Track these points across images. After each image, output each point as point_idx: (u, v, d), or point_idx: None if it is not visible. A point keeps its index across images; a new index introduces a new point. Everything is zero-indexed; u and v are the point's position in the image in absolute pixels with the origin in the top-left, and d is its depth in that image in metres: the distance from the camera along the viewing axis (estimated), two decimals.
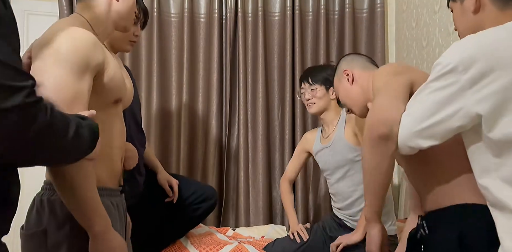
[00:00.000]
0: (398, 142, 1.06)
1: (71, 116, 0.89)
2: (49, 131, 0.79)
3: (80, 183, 1.03)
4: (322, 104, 2.20)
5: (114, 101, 1.21)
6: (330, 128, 2.22)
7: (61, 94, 1.00)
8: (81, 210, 1.05)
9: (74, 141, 0.86)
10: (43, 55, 1.03)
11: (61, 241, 1.08)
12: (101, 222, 1.07)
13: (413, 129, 1.03)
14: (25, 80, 0.75)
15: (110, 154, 1.21)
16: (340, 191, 2.16)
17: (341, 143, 2.13)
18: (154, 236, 2.05)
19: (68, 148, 0.87)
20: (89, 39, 1.09)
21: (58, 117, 0.82)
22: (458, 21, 1.21)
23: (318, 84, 2.20)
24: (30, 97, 0.74)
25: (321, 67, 2.34)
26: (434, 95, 0.99)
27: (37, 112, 0.76)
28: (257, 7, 2.82)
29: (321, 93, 2.20)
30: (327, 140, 2.22)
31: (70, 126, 0.85)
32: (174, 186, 2.06)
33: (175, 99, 2.79)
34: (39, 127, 0.76)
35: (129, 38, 1.80)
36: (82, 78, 1.05)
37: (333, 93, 2.17)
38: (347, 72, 1.65)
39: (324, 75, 2.20)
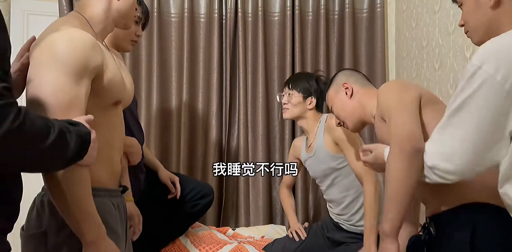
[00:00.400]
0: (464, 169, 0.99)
1: (57, 122, 0.86)
2: (21, 135, 0.76)
3: (73, 190, 0.99)
4: (296, 111, 2.19)
5: (114, 103, 1.19)
6: (311, 136, 2.22)
7: (57, 98, 0.98)
8: (73, 218, 1.01)
9: (55, 146, 0.83)
10: (40, 57, 1.02)
11: (61, 243, 1.06)
12: (94, 231, 1.03)
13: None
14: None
15: (110, 154, 1.20)
16: (332, 198, 2.19)
17: (323, 152, 2.13)
18: (154, 234, 2.06)
19: (48, 153, 0.84)
20: (87, 42, 1.07)
21: (34, 122, 0.79)
22: (471, 16, 1.14)
23: (296, 91, 2.19)
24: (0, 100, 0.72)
25: (306, 75, 2.33)
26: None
27: (4, 116, 0.73)
28: (257, 7, 2.81)
29: (297, 101, 2.18)
30: (310, 149, 2.22)
31: (51, 132, 0.82)
32: (176, 182, 2.07)
33: (175, 99, 2.79)
34: (9, 130, 0.73)
35: (131, 38, 1.81)
36: (79, 82, 1.03)
37: (310, 103, 2.18)
38: (346, 85, 1.67)
39: (305, 84, 2.19)
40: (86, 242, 1.03)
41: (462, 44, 2.04)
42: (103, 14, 1.21)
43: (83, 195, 1.02)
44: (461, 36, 2.05)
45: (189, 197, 2.15)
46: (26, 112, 0.78)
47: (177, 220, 2.16)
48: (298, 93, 2.18)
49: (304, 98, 2.18)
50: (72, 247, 1.06)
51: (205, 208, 2.23)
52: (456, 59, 2.09)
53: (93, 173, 1.08)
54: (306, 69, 2.84)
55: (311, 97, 2.18)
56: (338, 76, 1.75)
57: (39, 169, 0.93)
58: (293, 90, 2.19)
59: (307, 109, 2.19)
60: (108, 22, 1.24)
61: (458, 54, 2.07)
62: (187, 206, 2.14)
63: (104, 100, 1.15)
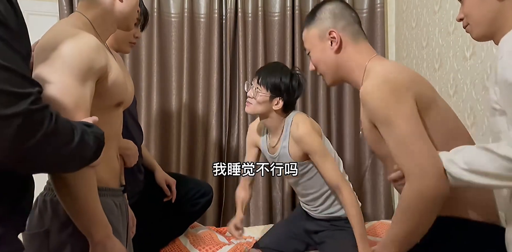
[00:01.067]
0: None
1: (77, 124, 0.89)
2: (54, 138, 0.78)
3: (82, 191, 1.02)
4: (259, 109, 1.97)
5: (116, 104, 1.20)
6: (275, 137, 2.06)
7: (63, 100, 0.99)
8: (81, 217, 1.04)
9: (79, 148, 0.85)
10: (45, 60, 1.02)
11: (64, 243, 1.07)
12: (102, 230, 1.06)
13: None
14: (31, 87, 0.75)
15: (110, 154, 1.21)
16: (297, 192, 2.20)
17: (286, 159, 2.02)
18: (154, 234, 2.06)
19: (73, 155, 0.86)
20: (92, 44, 1.07)
21: (64, 124, 0.82)
22: (474, 8, 1.10)
23: (264, 87, 1.95)
24: (35, 104, 0.74)
25: (281, 69, 2.01)
26: None
27: (42, 119, 0.75)
28: (257, 7, 2.81)
29: (262, 99, 1.95)
30: (273, 150, 2.08)
31: (75, 133, 0.84)
32: (172, 185, 2.07)
33: (175, 99, 2.79)
34: (45, 133, 0.75)
35: (129, 39, 1.82)
36: (84, 84, 1.04)
37: (277, 103, 1.95)
38: (334, 35, 1.31)
39: (276, 81, 1.94)
40: (94, 241, 1.05)
41: (462, 44, 2.04)
42: (106, 15, 1.21)
43: (90, 195, 1.03)
44: (461, 36, 2.05)
45: (189, 196, 2.15)
46: (57, 115, 0.80)
47: (177, 219, 2.17)
48: (266, 91, 1.94)
49: (270, 98, 1.94)
50: (74, 246, 1.07)
51: (204, 206, 2.23)
52: (456, 59, 2.09)
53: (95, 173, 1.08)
54: (306, 69, 2.84)
55: (279, 98, 1.95)
56: (325, 15, 1.34)
57: (62, 170, 0.95)
58: (261, 86, 1.95)
59: (272, 109, 1.97)
60: (110, 23, 1.24)
61: (458, 54, 2.08)
62: (186, 205, 2.14)
63: (107, 102, 1.16)
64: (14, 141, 0.72)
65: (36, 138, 0.74)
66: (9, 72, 0.71)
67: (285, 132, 2.00)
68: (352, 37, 1.31)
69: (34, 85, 0.76)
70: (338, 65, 1.32)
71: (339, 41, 1.30)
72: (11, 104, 0.70)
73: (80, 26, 1.13)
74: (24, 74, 0.75)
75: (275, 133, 2.05)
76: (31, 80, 0.77)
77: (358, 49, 1.30)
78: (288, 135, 1.99)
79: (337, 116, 2.87)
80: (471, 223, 1.15)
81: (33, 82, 0.77)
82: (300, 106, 2.81)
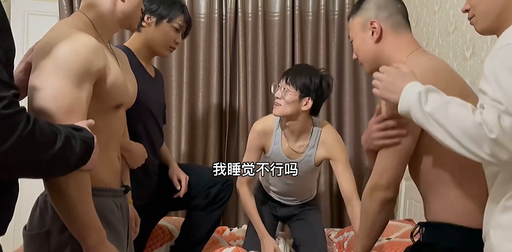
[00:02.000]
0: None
1: (63, 128, 0.87)
2: (30, 143, 0.76)
3: (74, 195, 1.00)
4: (288, 110, 1.93)
5: (115, 106, 1.19)
6: (300, 141, 2.03)
7: (59, 103, 0.98)
8: (74, 222, 1.02)
9: (61, 153, 0.83)
10: (43, 62, 1.01)
11: (64, 243, 1.07)
12: (95, 235, 1.04)
13: None
14: (5, 91, 0.73)
15: (110, 155, 1.20)
16: (285, 190, 2.19)
17: (308, 164, 2.04)
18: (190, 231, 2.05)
19: (54, 160, 0.84)
20: (89, 46, 1.06)
21: (43, 128, 0.80)
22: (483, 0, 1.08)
23: (293, 87, 1.92)
24: (8, 108, 0.72)
25: (310, 70, 2.01)
26: None
27: (16, 123, 0.73)
28: (257, 7, 2.81)
29: (291, 99, 1.92)
30: (296, 155, 2.04)
31: (58, 138, 0.82)
32: (183, 180, 1.99)
33: (175, 99, 2.79)
34: (19, 138, 0.73)
35: (170, 44, 1.86)
36: (81, 87, 1.03)
37: (306, 104, 1.93)
38: (375, 25, 1.29)
39: (306, 81, 1.92)
40: (87, 246, 1.04)
41: (462, 44, 2.05)
42: (108, 15, 1.20)
43: (83, 200, 1.02)
44: (461, 36, 2.05)
45: (199, 187, 2.04)
46: (35, 119, 0.78)
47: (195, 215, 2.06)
48: (295, 91, 1.92)
49: (300, 97, 1.93)
50: (75, 247, 1.06)
51: (219, 197, 2.05)
52: (456, 59, 2.09)
53: (95, 174, 1.08)
54: None
55: (309, 97, 1.93)
56: (369, 5, 1.33)
57: (45, 175, 0.93)
58: (290, 86, 1.93)
59: (301, 110, 1.95)
60: (112, 23, 1.23)
61: (458, 54, 2.08)
62: (199, 197, 2.03)
63: (106, 104, 1.15)
64: None
65: (9, 143, 0.72)
66: None
67: (315, 138, 2.01)
68: (394, 28, 1.29)
69: (8, 89, 0.74)
70: (377, 55, 1.31)
71: (380, 31, 1.28)
72: None
73: (80, 26, 1.13)
74: (0, 78, 0.73)
75: (301, 137, 2.03)
76: (6, 83, 0.75)
77: (399, 40, 1.28)
78: (317, 142, 2.00)
79: (337, 116, 2.87)
80: (457, 228, 1.14)
81: (8, 85, 0.75)
82: None
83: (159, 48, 1.86)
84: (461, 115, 0.90)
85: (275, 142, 2.07)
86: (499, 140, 0.84)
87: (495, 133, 0.84)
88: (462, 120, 0.89)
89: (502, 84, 0.87)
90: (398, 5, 1.32)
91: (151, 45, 1.83)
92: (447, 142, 0.92)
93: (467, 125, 0.88)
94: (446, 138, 0.92)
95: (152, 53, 1.90)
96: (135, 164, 1.56)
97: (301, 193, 2.23)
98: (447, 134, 0.91)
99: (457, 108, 0.92)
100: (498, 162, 0.87)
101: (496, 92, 0.87)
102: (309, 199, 2.28)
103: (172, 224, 2.27)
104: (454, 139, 0.90)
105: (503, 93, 0.86)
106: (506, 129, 0.84)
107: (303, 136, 2.03)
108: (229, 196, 2.07)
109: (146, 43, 1.83)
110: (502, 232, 0.92)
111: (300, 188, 2.18)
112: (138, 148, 1.59)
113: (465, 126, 0.88)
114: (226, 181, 2.05)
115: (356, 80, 2.85)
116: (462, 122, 0.89)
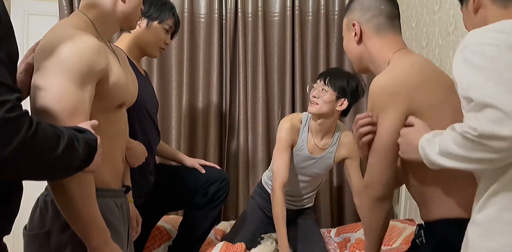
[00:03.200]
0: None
1: (66, 130, 0.87)
2: (33, 146, 0.77)
3: (78, 196, 1.00)
4: (324, 109, 2.06)
5: (118, 105, 1.19)
6: (326, 139, 2.18)
7: (62, 104, 0.98)
8: (78, 222, 1.02)
9: (64, 155, 0.83)
10: (45, 62, 1.01)
11: (65, 243, 1.07)
12: (100, 236, 1.04)
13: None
14: (9, 94, 0.73)
15: (113, 155, 1.20)
16: (292, 188, 2.26)
17: (327, 161, 2.21)
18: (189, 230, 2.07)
19: (58, 163, 0.84)
20: (92, 46, 1.06)
21: (46, 131, 0.80)
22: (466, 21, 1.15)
23: (332, 88, 2.05)
24: (12, 111, 0.72)
25: (347, 75, 2.14)
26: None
27: (19, 127, 0.73)
28: (257, 7, 2.81)
29: (329, 99, 2.05)
30: (318, 151, 2.18)
31: (61, 141, 0.82)
32: (202, 163, 2.13)
33: (175, 99, 2.79)
34: (22, 141, 0.74)
35: (160, 45, 1.89)
36: (84, 88, 1.03)
37: (341, 105, 2.07)
38: (355, 27, 1.33)
39: (344, 84, 2.06)
40: (91, 246, 1.04)
41: None
42: (108, 15, 1.21)
43: (87, 201, 1.02)
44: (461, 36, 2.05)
45: (198, 186, 2.06)
46: (38, 122, 0.78)
47: (194, 213, 2.07)
48: (333, 92, 2.05)
49: (337, 98, 2.06)
50: (75, 247, 1.06)
51: (217, 195, 2.06)
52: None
53: (98, 174, 1.08)
54: (306, 69, 2.85)
55: (345, 99, 2.07)
56: (354, 6, 1.36)
57: (48, 177, 0.93)
58: (329, 87, 2.05)
59: (335, 110, 2.08)
60: (112, 23, 1.23)
61: None
62: (198, 196, 2.04)
63: (108, 103, 1.15)
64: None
65: (12, 146, 0.72)
66: None
67: (336, 136, 2.20)
68: (376, 31, 1.32)
69: (12, 92, 0.74)
70: (361, 56, 1.36)
71: (360, 33, 1.32)
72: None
73: (81, 26, 1.13)
74: (2, 81, 0.73)
75: (327, 135, 2.19)
76: (10, 87, 0.75)
77: (382, 43, 1.31)
78: (338, 140, 2.20)
79: None
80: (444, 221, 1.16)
81: (11, 88, 0.75)
82: (300, 105, 2.81)
83: (150, 49, 1.88)
84: (452, 136, 0.92)
85: (302, 138, 2.18)
86: (484, 132, 0.84)
87: (478, 129, 0.85)
88: (455, 139, 0.91)
89: (471, 81, 0.89)
90: (382, 6, 1.33)
91: (141, 46, 1.85)
92: (463, 166, 0.92)
93: (460, 140, 0.89)
94: (460, 163, 0.92)
95: (142, 54, 1.91)
96: (136, 162, 1.56)
97: (307, 192, 2.32)
98: (458, 158, 0.92)
99: (450, 133, 0.93)
100: (505, 154, 0.86)
101: (464, 90, 0.91)
102: (308, 205, 2.40)
103: (169, 224, 2.27)
104: (465, 160, 0.90)
105: (470, 88, 0.89)
106: (484, 120, 0.84)
107: (328, 134, 2.19)
108: (227, 193, 2.09)
109: (136, 44, 1.84)
110: (476, 227, 0.95)
111: (309, 187, 2.30)
112: (138, 145, 1.59)
113: (458, 142, 0.89)
114: (223, 179, 2.08)
115: None
116: (456, 141, 0.90)
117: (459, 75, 0.94)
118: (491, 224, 0.92)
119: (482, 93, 0.86)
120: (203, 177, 2.07)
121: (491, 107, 0.83)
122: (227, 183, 2.09)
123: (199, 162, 2.14)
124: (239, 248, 2.09)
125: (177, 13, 1.94)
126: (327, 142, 2.19)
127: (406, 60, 1.25)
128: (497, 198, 0.92)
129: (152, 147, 1.92)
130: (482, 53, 0.90)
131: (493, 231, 0.91)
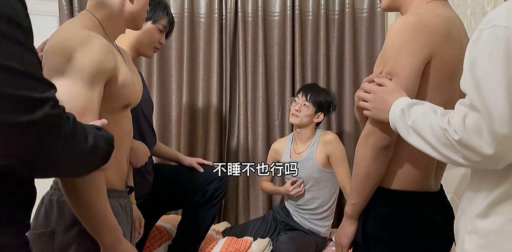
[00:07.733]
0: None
1: (89, 127, 0.87)
2: (71, 143, 0.77)
3: (91, 194, 1.01)
4: (304, 121, 2.40)
5: (124, 106, 1.20)
6: (303, 145, 2.46)
7: (72, 103, 0.98)
8: (91, 221, 1.04)
9: (92, 152, 0.83)
10: (55, 63, 1.01)
11: (69, 243, 1.07)
12: (112, 234, 1.06)
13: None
14: (49, 91, 0.74)
15: (118, 156, 1.20)
16: (299, 198, 2.44)
17: (311, 162, 2.39)
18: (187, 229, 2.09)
19: (86, 159, 0.84)
20: (101, 47, 1.07)
21: (79, 128, 0.80)
22: None
23: (312, 104, 2.39)
24: (55, 108, 0.73)
25: (324, 92, 2.47)
26: None
27: (60, 124, 0.74)
28: (257, 7, 2.81)
29: (309, 113, 2.40)
30: (298, 156, 2.45)
31: (89, 137, 0.82)
32: (200, 162, 2.16)
33: (175, 99, 2.79)
34: (62, 138, 0.74)
35: (154, 45, 1.89)
36: (93, 88, 1.04)
37: (318, 117, 2.43)
38: None
39: (322, 100, 2.41)
40: (104, 244, 1.06)
41: None
42: (116, 15, 1.21)
43: (99, 198, 1.03)
44: None
45: (197, 185, 2.07)
46: (74, 118, 0.78)
47: (193, 213, 2.08)
48: (313, 107, 2.40)
49: (315, 112, 2.41)
50: (79, 247, 1.07)
51: (215, 194, 2.08)
52: None
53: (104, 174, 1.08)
54: (306, 69, 2.85)
55: (321, 113, 2.43)
56: None
57: (76, 174, 0.92)
58: (309, 103, 2.39)
59: (313, 121, 2.43)
60: (120, 23, 1.24)
61: None
62: (196, 195, 2.05)
63: (115, 104, 1.16)
64: (37, 144, 0.70)
65: (54, 144, 0.73)
66: (30, 77, 0.70)
67: (315, 140, 2.44)
68: None
69: (51, 88, 0.75)
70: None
71: None
72: (33, 110, 0.69)
73: (90, 26, 1.13)
74: (43, 77, 0.74)
75: (305, 142, 2.47)
76: (48, 83, 0.75)
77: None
78: (317, 142, 2.42)
79: (337, 116, 2.87)
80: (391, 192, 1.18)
81: (49, 84, 0.76)
82: None
83: (144, 49, 1.88)
84: (434, 123, 0.88)
85: (286, 152, 2.52)
86: (463, 140, 0.81)
87: (458, 134, 0.81)
88: (434, 129, 0.87)
89: (476, 73, 0.81)
90: None
91: (135, 46, 1.85)
92: (429, 152, 0.91)
93: (438, 133, 0.86)
94: (428, 148, 0.90)
95: (137, 54, 1.90)
96: (138, 162, 1.56)
97: (302, 201, 2.46)
98: (427, 144, 0.90)
99: (433, 116, 0.90)
100: (474, 165, 0.83)
101: (467, 83, 0.83)
102: (311, 225, 2.44)
103: (169, 223, 2.28)
104: (433, 149, 0.89)
105: (474, 84, 0.81)
106: (468, 127, 0.80)
107: (308, 140, 2.46)
108: (225, 192, 2.15)
109: (131, 44, 1.84)
110: (479, 239, 0.87)
111: (307, 197, 2.43)
112: (141, 146, 1.60)
113: (436, 133, 0.86)
114: (222, 178, 2.11)
115: (356, 80, 2.84)
116: (435, 131, 0.87)
117: (479, 68, 0.81)
118: (496, 237, 0.84)
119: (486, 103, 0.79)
120: (201, 176, 2.09)
121: (484, 116, 0.78)
122: (225, 182, 2.12)
123: (197, 161, 2.16)
124: (244, 244, 2.13)
125: (171, 12, 1.94)
126: (303, 146, 2.46)
127: (440, 10, 1.16)
128: (507, 206, 0.84)
129: (149, 147, 1.93)
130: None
131: (497, 245, 0.84)
